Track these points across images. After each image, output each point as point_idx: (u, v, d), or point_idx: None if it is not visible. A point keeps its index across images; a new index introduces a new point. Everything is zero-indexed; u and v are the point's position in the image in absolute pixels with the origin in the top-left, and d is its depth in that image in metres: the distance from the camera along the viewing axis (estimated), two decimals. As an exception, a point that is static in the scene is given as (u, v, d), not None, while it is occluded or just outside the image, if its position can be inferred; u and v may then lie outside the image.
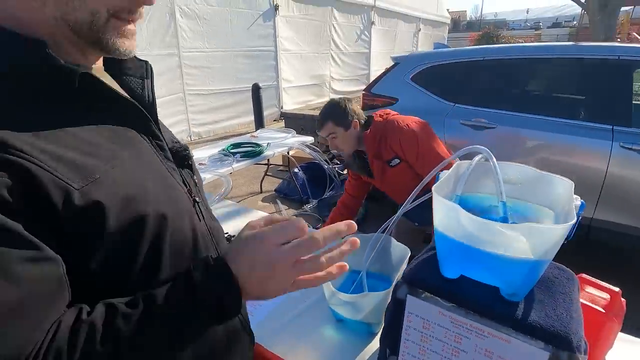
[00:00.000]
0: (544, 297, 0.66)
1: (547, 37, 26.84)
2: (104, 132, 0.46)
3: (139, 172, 0.47)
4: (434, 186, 0.66)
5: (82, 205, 0.40)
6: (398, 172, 1.66)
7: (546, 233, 0.54)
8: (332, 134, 1.66)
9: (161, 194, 0.49)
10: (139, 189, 0.46)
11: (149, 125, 0.52)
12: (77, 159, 0.41)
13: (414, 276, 0.73)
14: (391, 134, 1.62)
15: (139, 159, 0.49)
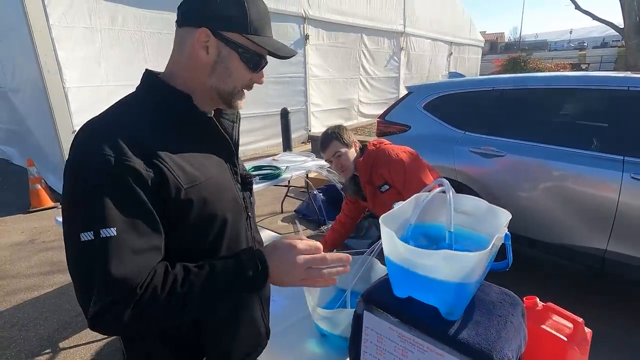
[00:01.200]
0: (481, 318, 0.73)
1: (592, 57, 25.69)
2: (207, 156, 0.72)
3: (220, 186, 0.72)
4: (382, 216, 0.76)
5: (184, 199, 0.63)
6: (388, 197, 1.75)
7: (461, 260, 0.63)
8: (337, 152, 1.79)
9: (228, 204, 0.73)
10: (216, 197, 0.69)
11: (232, 157, 0.78)
12: (189, 170, 0.66)
13: (371, 294, 0.83)
14: (382, 162, 1.75)
15: (221, 178, 0.73)
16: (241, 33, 0.68)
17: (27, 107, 4.87)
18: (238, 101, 0.76)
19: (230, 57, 0.70)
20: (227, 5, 0.67)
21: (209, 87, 0.71)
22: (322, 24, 7.48)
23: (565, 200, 2.10)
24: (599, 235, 2.00)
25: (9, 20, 4.36)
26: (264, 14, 0.72)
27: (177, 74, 0.71)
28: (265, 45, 0.70)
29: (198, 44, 0.68)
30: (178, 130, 0.69)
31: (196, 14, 0.68)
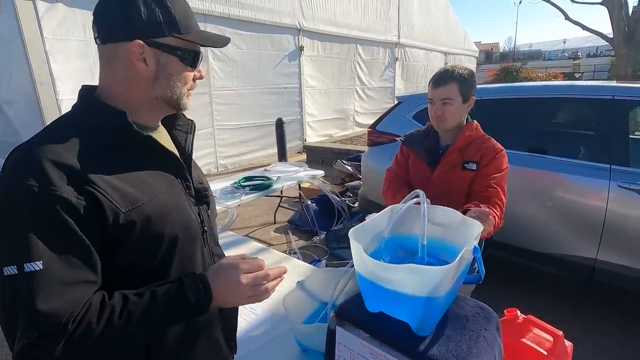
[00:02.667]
0: (452, 333, 0.72)
1: (586, 66, 26.06)
2: (152, 174, 0.69)
3: (167, 205, 0.68)
4: (351, 229, 0.75)
5: (124, 222, 0.61)
6: (463, 178, 1.46)
7: (427, 274, 0.62)
8: (449, 98, 1.42)
9: (178, 222, 0.70)
10: (163, 216, 0.66)
11: (183, 172, 0.75)
12: (129, 191, 0.63)
13: (343, 309, 0.82)
14: (491, 147, 1.47)
15: (169, 195, 0.70)
16: (174, 35, 0.66)
17: (21, 118, 4.87)
18: (186, 101, 0.74)
19: (171, 62, 0.68)
20: (152, 10, 0.64)
21: (154, 98, 0.69)
22: (317, 35, 7.56)
23: (553, 209, 2.10)
24: (589, 244, 2.00)
25: (2, 33, 4.39)
26: (186, 7, 0.70)
27: (113, 90, 0.68)
28: (201, 41, 0.70)
29: (134, 57, 0.65)
30: (115, 150, 0.65)
31: (121, 27, 0.64)
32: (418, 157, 1.58)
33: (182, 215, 0.72)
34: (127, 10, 0.64)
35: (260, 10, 6.29)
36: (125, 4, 0.64)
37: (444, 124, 1.46)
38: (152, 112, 0.73)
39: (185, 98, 0.73)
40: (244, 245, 1.90)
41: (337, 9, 7.94)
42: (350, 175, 4.72)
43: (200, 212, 0.78)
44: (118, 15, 0.64)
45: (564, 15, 11.79)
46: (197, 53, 0.71)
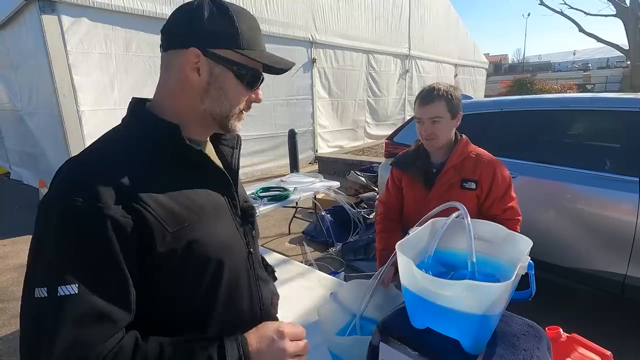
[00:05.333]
0: (504, 352, 0.70)
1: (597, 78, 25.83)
2: (201, 192, 0.66)
3: (215, 225, 0.66)
4: (398, 243, 0.74)
5: (171, 243, 0.58)
6: (463, 197, 1.37)
7: (485, 290, 0.60)
8: (438, 116, 1.40)
9: (225, 243, 0.67)
10: (210, 238, 0.64)
11: (230, 190, 0.72)
12: (178, 210, 0.60)
13: (387, 324, 0.80)
14: (487, 162, 1.43)
15: (217, 215, 0.67)
16: (234, 49, 0.63)
17: (42, 130, 5.00)
18: (235, 124, 0.70)
19: (225, 76, 0.64)
20: (215, 21, 0.62)
21: (203, 112, 0.66)
22: (329, 47, 7.67)
23: (580, 223, 2.05)
24: (618, 259, 1.94)
25: (28, 47, 4.54)
26: (254, 26, 0.67)
27: (165, 101, 0.66)
28: (261, 59, 0.66)
29: (188, 66, 0.63)
30: (166, 165, 0.63)
31: (182, 35, 0.63)
32: (412, 178, 1.54)
33: (229, 236, 0.69)
34: (191, 19, 0.63)
35: (275, 23, 6.41)
36: (192, 13, 0.63)
37: (435, 142, 1.44)
38: (201, 127, 0.70)
39: (236, 119, 0.69)
40: (266, 257, 1.89)
41: (349, 22, 8.06)
42: (364, 186, 4.71)
43: (245, 232, 0.75)
44: (182, 23, 0.64)
45: (577, 27, 11.79)
46: (256, 73, 0.67)
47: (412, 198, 1.55)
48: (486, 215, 1.43)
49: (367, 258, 3.16)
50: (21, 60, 4.97)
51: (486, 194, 1.43)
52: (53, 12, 4.01)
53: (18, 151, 6.36)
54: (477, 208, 1.46)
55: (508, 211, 1.43)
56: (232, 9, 0.64)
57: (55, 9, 4.03)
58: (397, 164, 1.61)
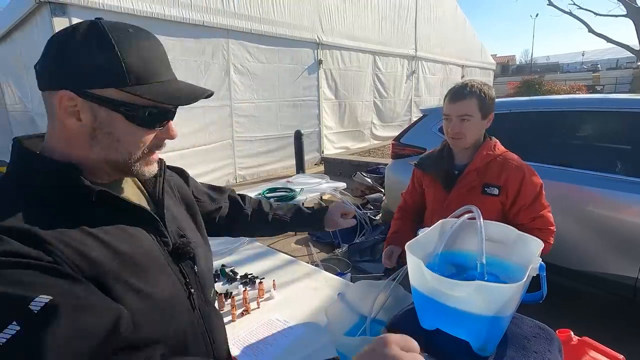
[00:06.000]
0: (515, 355, 0.69)
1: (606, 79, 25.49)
2: (115, 230, 0.56)
3: (137, 270, 0.56)
4: (407, 243, 0.74)
5: None
6: (484, 203, 1.31)
7: (496, 291, 0.60)
8: (467, 114, 1.33)
9: (152, 287, 0.57)
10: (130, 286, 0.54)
11: (156, 225, 0.63)
12: (88, 253, 0.51)
13: (396, 325, 0.80)
14: (515, 167, 1.36)
15: (141, 254, 0.58)
16: (118, 87, 0.53)
17: (52, 130, 5.06)
18: (144, 168, 0.60)
19: (112, 119, 0.54)
20: (92, 53, 0.51)
21: (96, 160, 0.57)
22: (335, 49, 7.68)
23: (591, 225, 2.03)
24: (630, 262, 1.91)
25: (39, 49, 4.60)
26: (148, 54, 0.55)
27: (56, 148, 0.57)
28: (155, 97, 0.54)
29: (62, 111, 0.53)
30: (67, 210, 0.54)
31: (52, 73, 0.53)
32: (433, 179, 1.50)
33: (160, 280, 0.60)
34: (61, 53, 0.52)
35: (281, 25, 6.44)
36: (62, 44, 0.53)
37: (462, 141, 1.37)
38: (103, 173, 0.60)
39: (142, 163, 0.59)
40: (272, 257, 1.90)
41: (355, 23, 8.06)
42: (370, 187, 4.70)
43: (182, 270, 0.66)
44: (51, 59, 0.53)
45: (587, 28, 11.67)
46: (156, 109, 0.56)
47: (432, 199, 1.51)
48: (513, 224, 1.31)
49: (374, 259, 3.15)
50: (32, 61, 4.98)
51: (512, 200, 1.35)
52: (64, 14, 4.07)
53: (28, 151, 6.45)
54: (502, 215, 1.38)
55: (538, 220, 1.35)
56: (114, 36, 0.53)
57: (66, 12, 4.09)
58: (419, 164, 1.57)
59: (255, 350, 1.15)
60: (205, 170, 5.66)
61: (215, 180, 5.86)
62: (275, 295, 1.46)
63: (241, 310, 1.34)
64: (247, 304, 1.35)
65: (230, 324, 1.28)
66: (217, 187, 1.08)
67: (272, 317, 1.32)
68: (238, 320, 1.30)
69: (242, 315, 1.33)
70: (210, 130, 5.66)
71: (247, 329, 1.25)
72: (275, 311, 1.36)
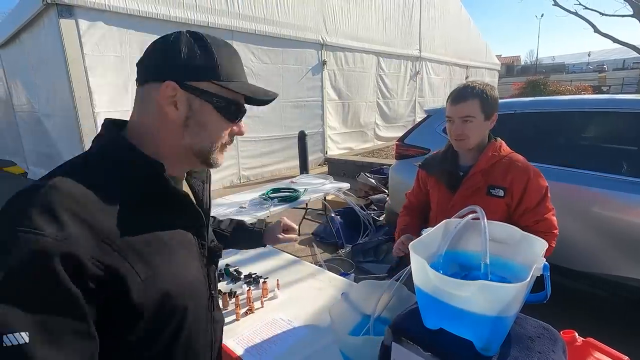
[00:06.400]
0: (519, 355, 0.69)
1: (613, 80, 25.29)
2: (174, 234, 0.63)
3: (182, 270, 0.63)
4: (411, 243, 0.74)
5: (141, 292, 0.54)
6: (489, 204, 1.31)
7: (499, 291, 0.60)
8: (470, 116, 1.32)
9: (190, 289, 0.64)
10: (178, 284, 0.61)
11: (202, 230, 0.70)
12: (148, 256, 0.56)
13: (399, 324, 0.80)
14: (521, 168, 1.35)
15: (186, 258, 0.65)
16: (212, 81, 0.61)
17: (59, 131, 5.12)
18: (218, 158, 0.67)
19: (204, 109, 0.62)
20: (193, 53, 0.60)
21: (183, 147, 0.63)
22: (339, 49, 7.69)
23: (598, 227, 2.01)
24: (636, 264, 1.90)
25: (46, 50, 4.67)
26: (234, 58, 0.65)
27: (143, 136, 0.62)
28: (242, 90, 0.64)
29: (164, 100, 0.60)
30: (144, 206, 0.58)
31: (158, 68, 0.61)
32: (437, 181, 1.49)
33: (195, 280, 0.66)
34: (166, 51, 0.61)
35: (285, 26, 6.46)
36: (168, 45, 0.61)
37: (465, 143, 1.36)
38: (181, 164, 0.67)
39: (218, 153, 0.67)
40: (276, 257, 1.90)
41: (359, 24, 8.07)
42: (374, 188, 4.70)
43: (209, 273, 0.72)
44: (158, 56, 0.61)
45: (593, 28, 11.59)
46: (237, 105, 0.65)
47: (437, 201, 1.50)
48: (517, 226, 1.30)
49: (377, 260, 3.15)
50: (40, 62, 5.10)
51: (517, 202, 1.35)
52: (71, 16, 4.11)
53: (35, 151, 6.52)
54: (507, 216, 1.37)
55: (541, 223, 1.35)
56: (210, 41, 0.62)
57: (73, 13, 4.13)
58: (423, 165, 1.57)
59: (259, 350, 1.15)
60: (210, 171, 5.69)
61: (219, 180, 5.89)
62: (279, 294, 1.46)
63: (245, 310, 1.34)
64: (251, 303, 1.36)
65: (234, 323, 1.29)
66: None
67: (275, 316, 1.32)
68: (242, 320, 1.31)
69: (246, 315, 1.33)
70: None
71: (251, 328, 1.26)
72: (279, 311, 1.36)
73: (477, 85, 1.35)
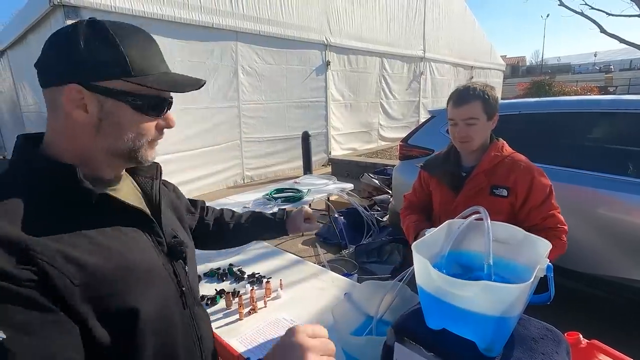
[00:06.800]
0: (522, 355, 0.69)
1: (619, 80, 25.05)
2: (112, 232, 0.58)
3: (133, 268, 0.58)
4: (414, 243, 0.74)
5: (78, 298, 0.50)
6: (493, 204, 1.28)
7: (502, 291, 0.60)
8: (473, 118, 1.32)
9: (148, 288, 0.59)
10: (128, 284, 0.56)
11: (152, 226, 0.65)
12: (83, 259, 0.52)
13: (402, 324, 0.80)
14: (524, 168, 1.35)
15: (137, 256, 0.60)
16: (123, 78, 0.56)
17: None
18: (147, 154, 0.63)
19: (119, 109, 0.57)
20: (95, 48, 0.55)
21: (100, 151, 0.59)
22: (343, 50, 7.69)
23: (603, 229, 2.00)
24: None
25: (53, 51, 4.71)
26: (147, 47, 0.60)
27: (58, 142, 0.59)
28: (159, 85, 0.59)
29: (70, 104, 0.55)
30: (64, 211, 0.54)
31: (58, 69, 0.56)
32: (440, 182, 1.49)
33: (153, 278, 0.62)
34: (66, 50, 0.55)
35: (289, 26, 6.47)
36: (66, 41, 0.56)
37: (469, 145, 1.37)
38: (107, 166, 0.62)
39: (146, 150, 0.63)
40: (278, 257, 1.91)
41: (363, 24, 8.07)
42: (377, 188, 4.69)
43: (175, 269, 0.69)
44: (56, 55, 0.56)
45: (599, 28, 11.50)
46: (157, 99, 0.61)
47: (440, 202, 1.50)
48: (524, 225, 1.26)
49: (381, 261, 3.14)
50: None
51: (522, 201, 1.35)
52: (77, 17, 4.15)
53: (41, 151, 6.59)
54: (511, 216, 1.37)
55: (549, 219, 1.34)
56: (114, 32, 0.56)
57: (79, 14, 4.17)
58: (425, 166, 1.57)
59: (262, 349, 1.16)
60: (213, 171, 5.71)
61: (223, 181, 5.91)
62: (282, 294, 1.47)
63: (248, 309, 1.35)
64: (254, 302, 1.36)
65: (238, 322, 1.29)
66: (192, 199, 1.07)
67: (278, 316, 1.33)
68: (245, 319, 1.31)
69: (249, 314, 1.34)
70: (218, 131, 5.71)
71: (254, 327, 1.26)
72: (282, 310, 1.37)
73: (477, 87, 1.36)
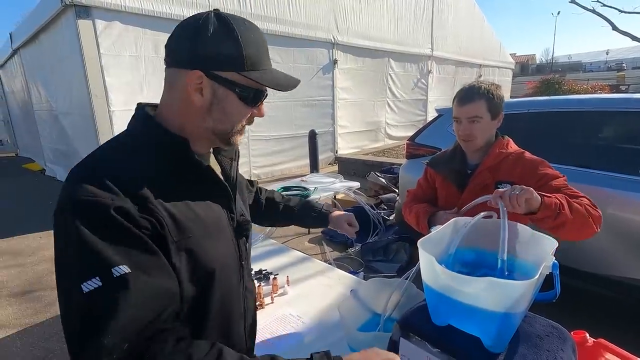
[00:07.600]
0: (527, 352, 0.69)
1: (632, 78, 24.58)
2: (203, 205, 0.69)
3: (212, 238, 0.69)
4: (420, 240, 0.75)
5: (173, 252, 0.60)
6: None
7: (507, 288, 0.60)
8: (477, 116, 1.33)
9: (220, 256, 0.70)
10: (208, 250, 0.67)
11: (230, 203, 0.76)
12: (181, 220, 0.63)
13: (407, 320, 0.81)
14: (530, 160, 1.35)
15: (215, 228, 0.70)
16: (237, 71, 0.64)
17: (75, 128, 5.25)
18: (237, 139, 0.72)
19: (227, 97, 0.66)
20: (221, 43, 0.63)
21: (205, 129, 0.69)
22: (350, 49, 7.67)
23: (612, 229, 1.97)
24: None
25: (64, 50, 4.79)
26: (260, 45, 0.68)
27: (170, 116, 0.68)
28: (264, 81, 0.67)
29: (191, 87, 0.64)
30: (173, 176, 0.65)
31: (187, 55, 0.64)
32: (445, 179, 1.49)
33: (225, 249, 0.72)
34: (195, 39, 0.63)
35: (297, 25, 6.48)
36: (197, 33, 0.63)
37: (473, 143, 1.37)
38: (204, 143, 0.72)
39: (238, 134, 0.72)
40: (286, 254, 1.93)
41: (371, 23, 8.04)
42: (384, 187, 4.69)
43: (239, 245, 0.78)
44: (186, 43, 0.64)
45: (611, 25, 11.30)
46: (258, 92, 0.69)
47: (445, 199, 1.51)
48: None
49: (387, 259, 3.14)
50: (57, 62, 5.23)
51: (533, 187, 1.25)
52: (88, 16, 4.21)
53: (53, 149, 6.70)
54: None
55: (567, 190, 1.25)
56: (238, 29, 0.64)
57: (90, 14, 4.23)
58: (431, 163, 1.58)
59: (268, 345, 1.18)
60: (221, 169, 5.75)
61: (230, 178, 5.94)
62: (289, 291, 1.49)
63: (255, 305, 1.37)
64: (261, 299, 1.38)
65: (245, 317, 1.31)
66: (248, 179, 1.17)
67: (285, 312, 1.34)
68: (253, 314, 1.33)
69: (256, 310, 1.36)
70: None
71: (260, 323, 1.28)
72: (288, 306, 1.38)
73: (483, 86, 1.36)
